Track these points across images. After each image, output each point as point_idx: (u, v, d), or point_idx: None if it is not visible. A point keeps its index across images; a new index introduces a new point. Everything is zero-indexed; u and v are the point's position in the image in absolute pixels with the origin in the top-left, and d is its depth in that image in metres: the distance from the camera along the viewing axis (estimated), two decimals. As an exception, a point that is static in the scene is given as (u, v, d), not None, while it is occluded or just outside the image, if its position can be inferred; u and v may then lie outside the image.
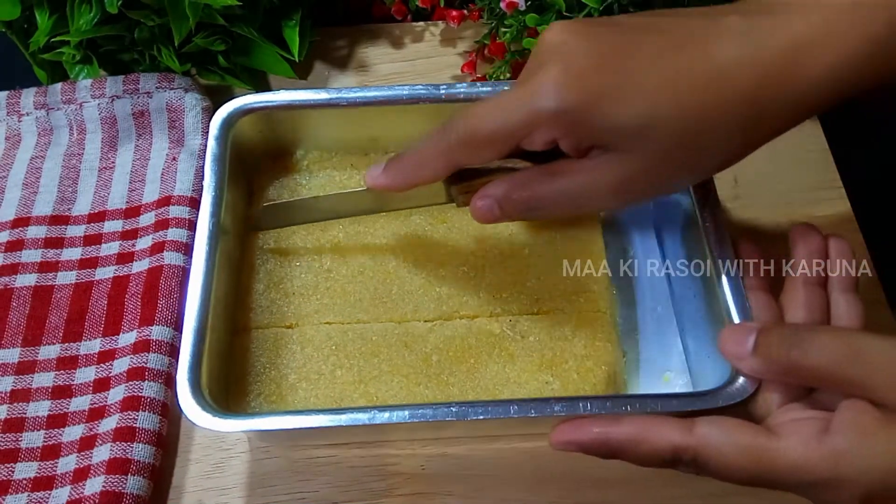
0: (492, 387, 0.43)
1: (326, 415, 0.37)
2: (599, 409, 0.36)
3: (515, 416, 0.37)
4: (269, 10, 0.57)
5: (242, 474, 0.45)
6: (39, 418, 0.45)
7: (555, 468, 0.44)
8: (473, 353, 0.44)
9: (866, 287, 0.49)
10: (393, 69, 0.61)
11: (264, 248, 0.47)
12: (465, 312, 0.45)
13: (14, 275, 0.49)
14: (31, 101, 0.55)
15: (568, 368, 0.43)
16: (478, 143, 0.36)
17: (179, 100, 0.55)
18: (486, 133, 0.36)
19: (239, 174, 0.47)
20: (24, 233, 0.51)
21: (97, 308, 0.48)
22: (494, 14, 0.56)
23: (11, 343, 0.47)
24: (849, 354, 0.32)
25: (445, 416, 0.37)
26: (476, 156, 0.37)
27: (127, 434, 0.43)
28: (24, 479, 0.43)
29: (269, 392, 0.43)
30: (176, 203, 0.51)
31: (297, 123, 0.49)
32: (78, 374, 0.46)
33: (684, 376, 0.44)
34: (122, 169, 0.54)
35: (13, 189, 0.53)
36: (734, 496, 0.43)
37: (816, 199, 0.54)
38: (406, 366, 0.43)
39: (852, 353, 0.32)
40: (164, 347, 0.46)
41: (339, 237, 0.47)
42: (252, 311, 0.45)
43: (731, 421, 0.34)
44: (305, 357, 0.44)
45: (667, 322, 0.46)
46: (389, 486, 0.44)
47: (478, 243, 0.47)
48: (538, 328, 0.45)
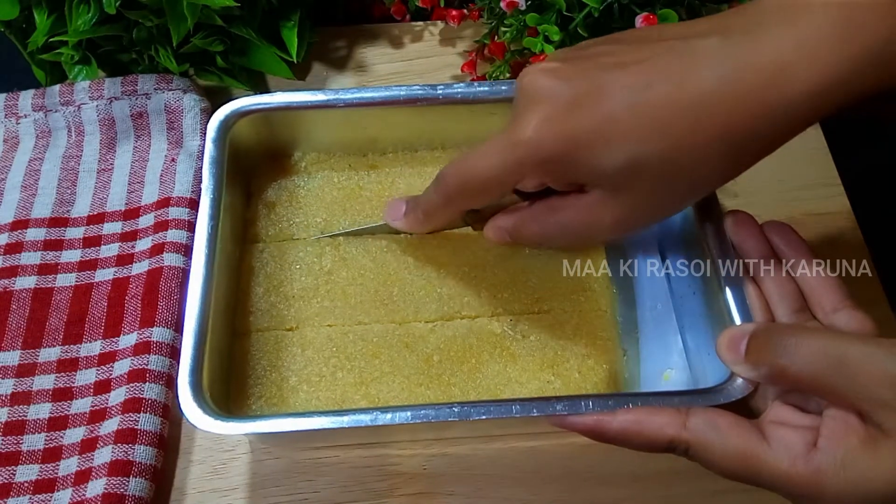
0: (493, 387, 0.43)
1: (328, 417, 0.37)
2: (601, 407, 0.37)
3: (517, 415, 0.37)
4: (268, 10, 0.57)
5: (244, 475, 0.45)
6: (40, 421, 0.45)
7: (556, 467, 0.45)
8: (475, 354, 0.44)
9: (866, 286, 0.49)
10: (392, 69, 0.61)
11: (264, 251, 0.47)
12: (467, 313, 0.45)
13: (13, 277, 0.49)
14: (29, 102, 0.55)
15: (569, 367, 0.43)
16: (471, 193, 0.38)
17: (178, 101, 0.55)
18: (476, 185, 0.37)
19: (237, 176, 0.47)
20: (23, 235, 0.51)
21: (97, 310, 0.48)
22: (494, 14, 0.56)
23: (11, 346, 0.47)
24: (832, 364, 0.32)
25: (447, 417, 0.37)
26: (474, 202, 0.39)
27: (128, 436, 0.43)
28: (25, 481, 0.43)
29: (271, 395, 0.43)
30: (175, 204, 0.51)
31: (295, 125, 0.48)
32: (79, 377, 0.46)
33: (685, 374, 0.44)
34: (120, 170, 0.54)
35: (12, 191, 0.53)
36: (737, 493, 0.43)
37: (815, 197, 0.54)
38: (407, 367, 0.43)
39: (835, 362, 0.32)
40: (164, 349, 0.46)
41: (340, 240, 0.47)
42: (252, 314, 0.45)
43: (725, 419, 0.35)
44: (306, 359, 0.44)
45: (667, 320, 0.46)
46: (391, 486, 0.44)
47: (478, 243, 0.47)
48: (539, 327, 0.45)
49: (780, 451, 0.33)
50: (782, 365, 0.34)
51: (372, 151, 0.51)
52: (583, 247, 0.46)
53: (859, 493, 0.31)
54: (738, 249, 0.41)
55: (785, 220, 0.41)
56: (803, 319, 0.39)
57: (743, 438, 0.34)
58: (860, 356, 0.32)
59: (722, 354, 0.37)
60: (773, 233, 0.41)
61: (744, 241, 0.41)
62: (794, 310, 0.39)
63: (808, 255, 0.40)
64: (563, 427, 0.37)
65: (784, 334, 0.34)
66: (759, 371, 0.35)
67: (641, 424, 0.36)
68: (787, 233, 0.41)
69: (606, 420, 0.36)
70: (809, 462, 0.32)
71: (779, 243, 0.41)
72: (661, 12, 0.48)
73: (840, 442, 0.32)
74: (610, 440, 0.36)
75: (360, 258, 0.47)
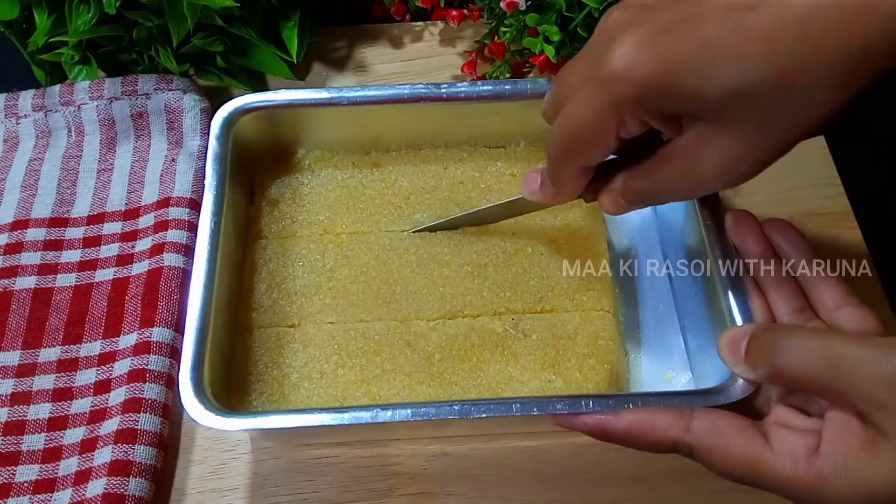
0: (494, 385, 0.43)
1: (329, 413, 0.37)
2: (602, 407, 0.37)
3: (518, 414, 0.37)
4: (268, 10, 0.57)
5: (244, 475, 0.45)
6: (40, 421, 0.45)
7: (556, 468, 0.45)
8: (476, 352, 0.44)
9: (866, 286, 0.49)
10: (392, 69, 0.61)
11: (266, 247, 0.47)
12: (468, 311, 0.45)
13: (13, 277, 0.49)
14: (29, 103, 0.55)
15: (570, 367, 0.43)
16: (578, 151, 0.35)
17: (178, 101, 0.55)
18: (578, 140, 0.34)
19: (240, 173, 0.47)
20: (23, 235, 0.51)
21: (97, 310, 0.48)
22: (494, 14, 0.56)
23: (11, 346, 0.47)
24: (829, 364, 0.32)
25: (448, 415, 0.37)
26: (585, 159, 0.36)
27: (128, 436, 0.43)
28: (25, 481, 0.43)
29: (272, 391, 0.43)
30: (175, 204, 0.51)
31: (299, 122, 0.49)
32: (78, 377, 0.46)
33: (686, 374, 0.44)
34: (120, 171, 0.54)
35: (12, 191, 0.53)
36: (737, 493, 0.42)
37: (815, 197, 0.54)
38: (408, 364, 0.43)
39: (832, 363, 0.32)
40: (164, 349, 0.46)
41: (342, 237, 0.47)
42: (254, 310, 0.45)
43: (728, 422, 0.35)
44: (308, 356, 0.44)
45: (668, 320, 0.46)
46: (391, 486, 0.44)
47: (481, 242, 0.47)
48: (541, 327, 0.45)
49: (783, 455, 0.33)
50: (780, 365, 0.33)
51: (375, 149, 0.51)
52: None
53: (860, 496, 0.31)
54: (739, 249, 0.41)
55: (785, 219, 0.41)
56: (805, 319, 0.39)
57: (746, 442, 0.34)
58: (856, 357, 0.31)
59: (723, 355, 0.37)
60: (774, 230, 0.41)
61: (744, 241, 0.41)
62: (795, 309, 0.39)
63: (808, 253, 0.40)
64: (568, 427, 0.37)
65: (782, 335, 0.34)
66: (759, 372, 0.35)
67: (645, 426, 0.36)
68: (788, 230, 0.41)
69: (611, 420, 0.36)
70: (811, 466, 0.32)
71: (779, 241, 0.40)
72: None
73: (841, 445, 0.32)
74: (614, 440, 0.36)
75: (362, 256, 0.47)
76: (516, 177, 0.50)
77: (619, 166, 0.37)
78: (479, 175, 0.50)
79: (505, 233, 0.48)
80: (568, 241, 0.47)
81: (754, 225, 0.41)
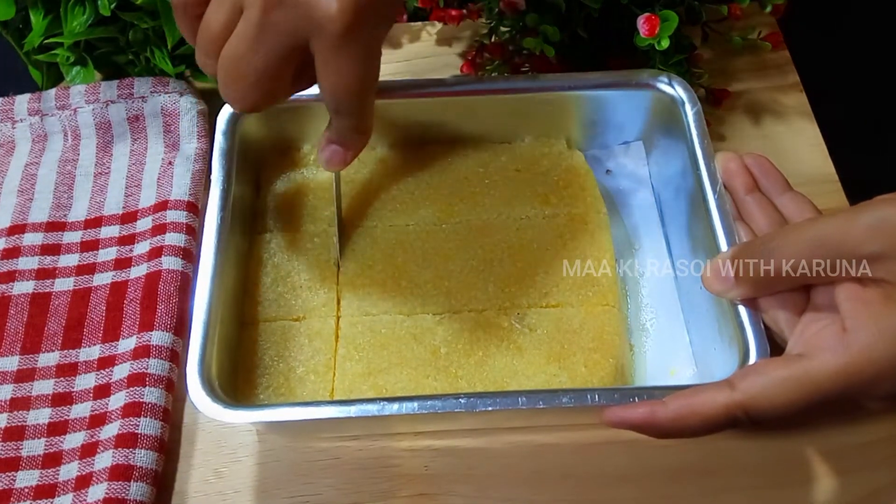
0: (500, 379, 0.43)
1: (336, 406, 0.38)
2: (607, 400, 0.37)
3: (524, 407, 0.37)
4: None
5: (245, 478, 0.44)
6: (40, 426, 0.44)
7: (558, 468, 0.44)
8: (482, 346, 0.44)
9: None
10: (390, 69, 0.60)
11: (272, 241, 0.47)
12: (474, 306, 0.45)
13: (11, 282, 0.49)
14: (25, 107, 0.55)
15: (576, 361, 0.43)
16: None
17: (174, 104, 0.54)
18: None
19: (246, 168, 0.48)
20: (20, 240, 0.50)
21: (96, 314, 0.48)
22: (493, 14, 0.56)
23: (10, 351, 0.47)
24: (817, 244, 0.34)
25: (454, 408, 0.37)
26: None
27: (129, 440, 0.42)
28: (25, 487, 0.42)
29: (278, 384, 0.43)
30: (173, 207, 0.51)
31: (304, 118, 0.49)
32: (78, 381, 0.46)
33: (691, 369, 0.44)
34: (117, 174, 0.54)
35: (8, 196, 0.53)
36: (737, 493, 0.43)
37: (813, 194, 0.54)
38: (415, 358, 0.43)
39: (819, 242, 0.34)
40: (164, 353, 0.46)
41: (348, 232, 0.47)
42: (260, 304, 0.45)
43: (762, 362, 0.36)
44: (314, 349, 0.44)
45: (673, 316, 0.46)
46: (393, 488, 0.44)
47: (486, 237, 0.47)
48: (546, 321, 0.45)
49: (822, 354, 0.33)
50: (775, 266, 0.35)
51: (380, 145, 0.51)
52: None
53: None
54: (727, 186, 0.44)
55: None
56: None
57: (786, 367, 0.34)
58: (836, 225, 0.33)
59: (712, 287, 0.38)
60: (753, 166, 0.45)
61: (732, 179, 0.44)
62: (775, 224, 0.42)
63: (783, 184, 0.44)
64: (612, 425, 0.36)
65: (765, 240, 0.36)
66: (754, 287, 0.36)
67: (694, 402, 0.35)
68: (764, 164, 0.45)
69: (659, 410, 0.35)
70: (850, 346, 0.33)
71: (759, 176, 0.44)
72: (662, 13, 0.48)
73: (862, 313, 0.33)
74: (664, 431, 0.35)
75: (368, 250, 0.47)
76: (521, 172, 0.50)
77: None
78: (483, 170, 0.50)
79: (510, 228, 0.48)
80: (573, 236, 0.47)
81: (739, 164, 0.45)
